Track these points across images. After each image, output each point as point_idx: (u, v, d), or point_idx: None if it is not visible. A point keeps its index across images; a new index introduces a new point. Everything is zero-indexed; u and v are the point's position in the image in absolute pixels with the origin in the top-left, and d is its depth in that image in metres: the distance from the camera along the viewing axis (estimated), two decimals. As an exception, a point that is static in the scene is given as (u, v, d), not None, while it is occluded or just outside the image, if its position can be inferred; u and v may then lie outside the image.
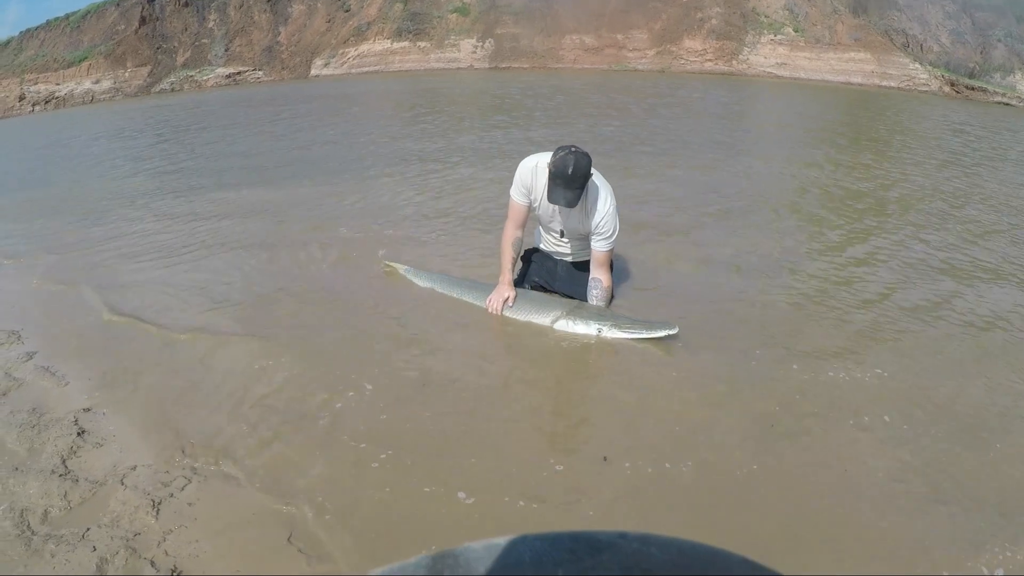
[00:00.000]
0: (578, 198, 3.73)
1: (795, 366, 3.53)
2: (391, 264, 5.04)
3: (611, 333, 3.79)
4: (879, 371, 3.51)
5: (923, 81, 25.32)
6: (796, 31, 28.37)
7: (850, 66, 26.98)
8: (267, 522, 2.44)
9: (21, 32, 34.93)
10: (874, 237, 5.96)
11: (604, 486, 2.63)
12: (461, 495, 2.55)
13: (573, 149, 3.68)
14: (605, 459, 2.77)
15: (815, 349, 3.74)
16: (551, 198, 3.76)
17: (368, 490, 2.59)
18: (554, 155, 3.71)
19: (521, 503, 2.52)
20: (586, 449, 2.88)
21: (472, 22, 32.98)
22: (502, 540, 0.73)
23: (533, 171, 3.97)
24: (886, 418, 3.07)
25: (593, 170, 3.85)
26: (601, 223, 3.95)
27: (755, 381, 3.38)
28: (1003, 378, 3.51)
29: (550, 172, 3.70)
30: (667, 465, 2.73)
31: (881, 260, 5.36)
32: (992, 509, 2.52)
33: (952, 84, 24.58)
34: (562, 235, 4.24)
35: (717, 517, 2.47)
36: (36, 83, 32.11)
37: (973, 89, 23.99)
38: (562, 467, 2.74)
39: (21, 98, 31.54)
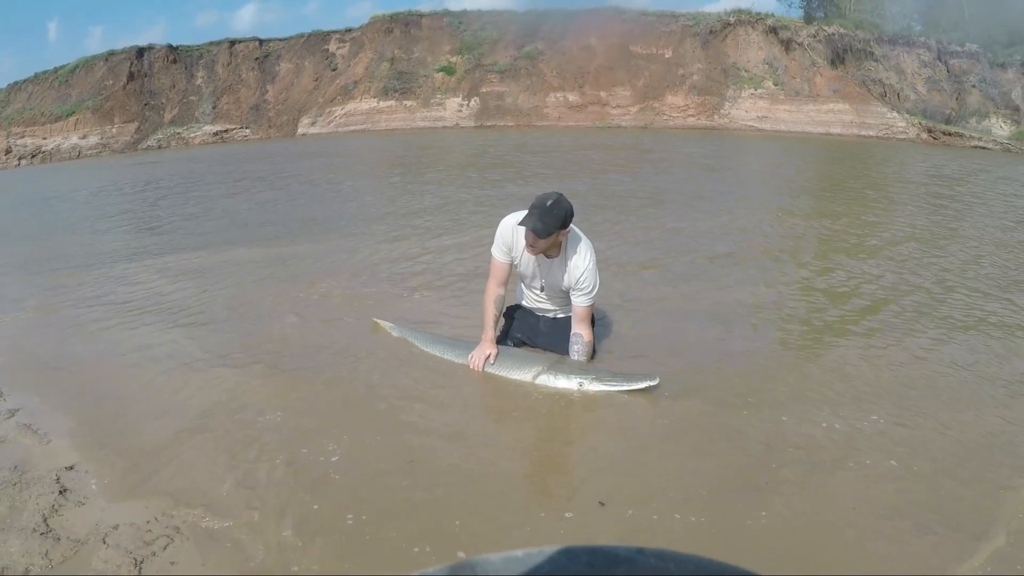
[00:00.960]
0: (547, 231, 3.76)
1: (783, 416, 3.56)
2: (377, 321, 5.12)
3: (592, 387, 3.81)
4: (873, 417, 3.55)
5: (901, 129, 25.73)
6: (776, 85, 28.97)
7: (829, 117, 27.48)
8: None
9: (9, 84, 35.15)
10: (857, 283, 6.14)
11: (605, 531, 2.65)
12: (460, 554, 2.50)
13: (559, 194, 3.82)
14: (602, 504, 2.78)
15: (797, 397, 3.80)
16: (522, 221, 3.80)
17: (361, 555, 2.53)
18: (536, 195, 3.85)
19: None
20: (579, 497, 2.89)
21: (458, 81, 33.53)
22: (520, 552, 0.73)
23: (513, 229, 4.03)
24: (893, 462, 3.10)
25: (573, 227, 3.97)
26: (581, 279, 4.02)
27: (739, 431, 3.40)
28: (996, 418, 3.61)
29: (530, 206, 3.79)
30: (655, 516, 2.71)
31: (863, 304, 5.53)
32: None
33: (929, 131, 24.99)
34: (542, 290, 4.31)
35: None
36: (23, 136, 32.14)
37: (950, 135, 24.38)
38: (562, 515, 2.75)
39: (7, 151, 31.48)
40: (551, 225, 3.74)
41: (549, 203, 3.71)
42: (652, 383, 3.71)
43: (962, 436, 3.34)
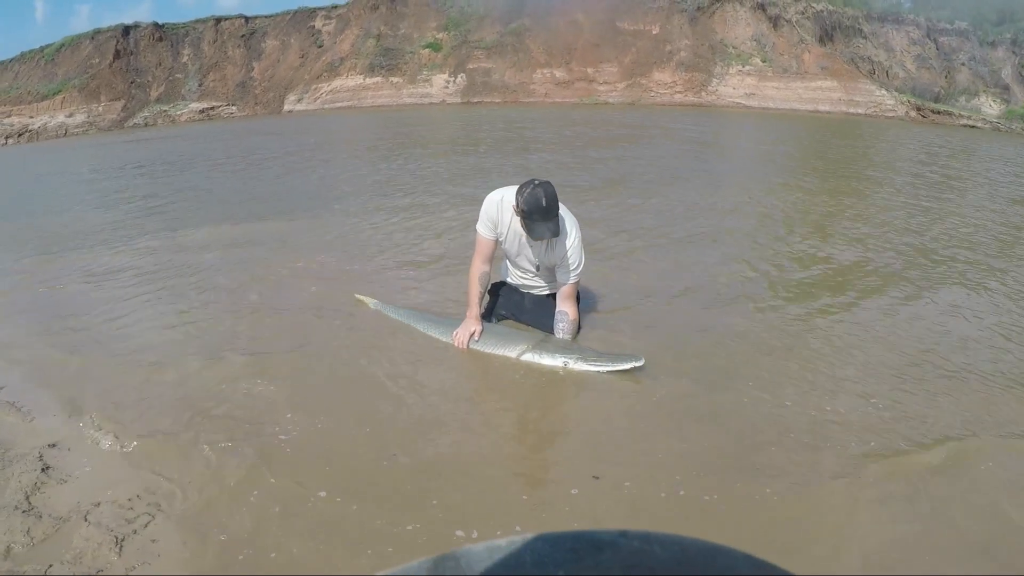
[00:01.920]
0: (559, 226, 3.75)
1: (768, 396, 3.49)
2: (361, 297, 5.04)
3: (577, 366, 3.75)
4: (862, 397, 3.49)
5: (890, 107, 25.45)
6: (764, 61, 28.63)
7: (818, 94, 27.19)
8: (234, 559, 2.39)
9: (-6, 64, 35.15)
10: (849, 261, 6.02)
11: (606, 505, 2.63)
12: (459, 533, 2.48)
13: (536, 182, 3.70)
14: (596, 478, 2.76)
15: (784, 377, 3.71)
16: (534, 235, 3.77)
17: (350, 532, 2.49)
18: (520, 195, 3.72)
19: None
20: (573, 474, 2.84)
21: (444, 57, 33.30)
22: (503, 541, 0.71)
23: (499, 205, 3.97)
24: (871, 443, 3.04)
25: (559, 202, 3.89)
26: (568, 256, 3.97)
27: (725, 411, 3.33)
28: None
29: (523, 211, 3.71)
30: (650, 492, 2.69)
31: (855, 282, 5.41)
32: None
33: (918, 109, 24.72)
34: (537, 268, 4.25)
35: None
36: (10, 115, 32.17)
37: (939, 113, 24.10)
38: (560, 492, 2.71)
39: (-7, 130, 31.54)
40: (556, 218, 3.73)
41: (544, 202, 3.64)
42: (637, 363, 3.68)
43: (950, 419, 3.31)
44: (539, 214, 3.66)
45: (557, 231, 3.75)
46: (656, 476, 2.76)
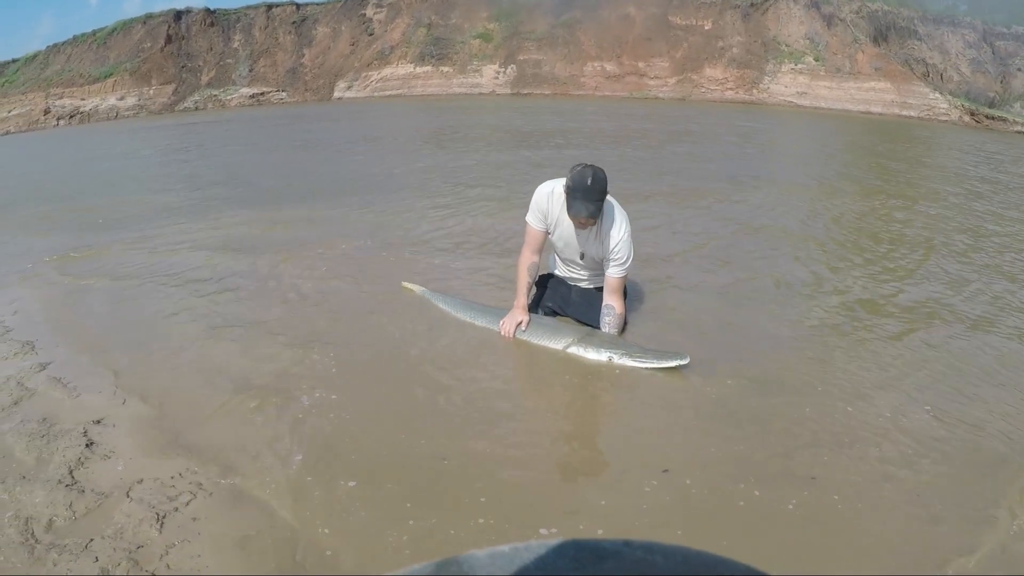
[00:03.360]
0: (599, 210, 3.76)
1: (814, 403, 3.45)
2: (408, 285, 5.07)
3: (622, 361, 3.76)
4: (915, 407, 3.41)
5: (943, 111, 25.61)
6: (816, 60, 28.79)
7: (870, 95, 27.30)
8: (273, 540, 2.44)
9: (48, 47, 35.46)
10: (899, 271, 5.84)
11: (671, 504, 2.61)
12: (543, 531, 2.48)
13: (589, 164, 3.72)
14: (666, 471, 2.76)
15: (829, 382, 3.67)
16: (571, 211, 3.77)
17: (393, 519, 2.53)
18: (570, 172, 3.74)
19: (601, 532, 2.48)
20: (642, 469, 2.83)
21: (495, 48, 33.48)
22: (506, 548, 0.73)
23: (549, 196, 4.01)
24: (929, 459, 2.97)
25: (609, 196, 3.88)
26: (616, 249, 3.96)
27: (772, 415, 3.31)
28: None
29: (568, 187, 3.72)
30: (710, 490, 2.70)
31: (910, 292, 5.26)
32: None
33: (972, 114, 24.85)
34: (582, 257, 4.21)
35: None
36: (61, 97, 32.46)
37: (993, 119, 24.25)
38: (634, 488, 2.69)
39: (46, 112, 31.82)
40: (599, 202, 3.72)
41: (589, 181, 3.62)
42: (682, 362, 3.64)
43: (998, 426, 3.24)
44: (581, 192, 3.65)
45: (596, 213, 3.73)
46: (719, 477, 2.76)
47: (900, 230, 7.26)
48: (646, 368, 3.69)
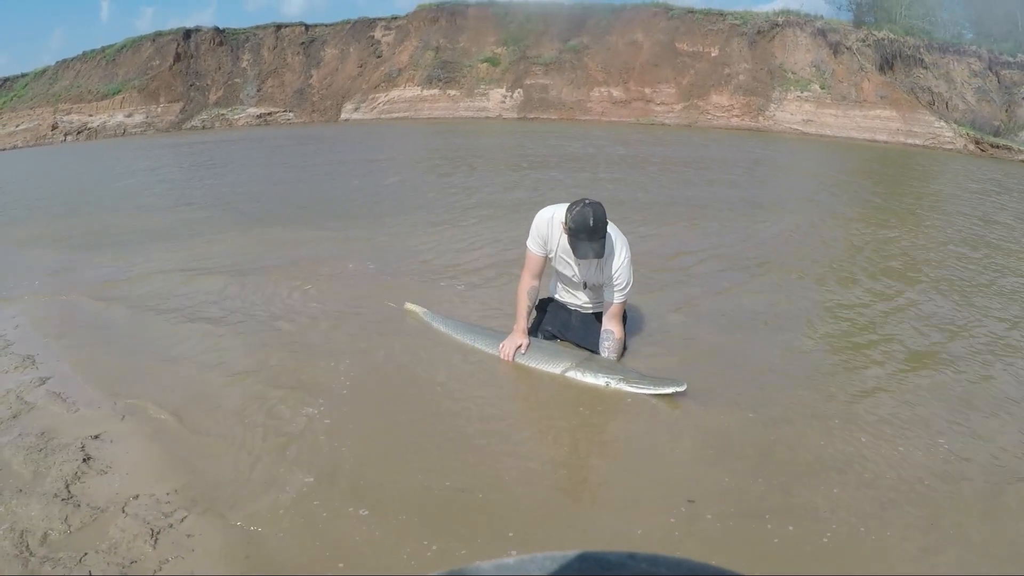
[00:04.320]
0: (603, 248, 3.80)
1: (812, 433, 3.48)
2: (411, 307, 5.15)
3: (620, 386, 3.81)
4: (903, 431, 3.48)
5: (948, 139, 25.65)
6: (822, 88, 28.91)
7: (876, 123, 27.36)
8: (267, 562, 2.46)
9: (57, 62, 35.67)
10: (900, 299, 5.86)
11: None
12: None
13: (587, 201, 3.76)
14: (691, 502, 2.77)
15: (824, 412, 3.70)
16: (578, 254, 3.83)
17: (385, 553, 2.51)
18: (569, 212, 3.79)
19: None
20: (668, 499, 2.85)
21: (502, 72, 33.66)
22: (511, 560, 0.72)
23: (549, 223, 4.07)
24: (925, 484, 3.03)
25: (608, 221, 3.91)
26: (616, 275, 4.03)
27: (770, 445, 3.34)
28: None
29: (570, 229, 3.78)
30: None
31: (903, 321, 5.28)
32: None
33: (977, 142, 24.88)
34: (585, 286, 4.30)
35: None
36: (69, 113, 32.58)
37: (998, 147, 24.27)
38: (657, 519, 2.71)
39: (54, 127, 31.96)
40: (602, 239, 3.76)
41: (591, 222, 3.67)
42: (679, 389, 3.67)
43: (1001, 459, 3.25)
44: (585, 234, 3.70)
45: (601, 252, 3.78)
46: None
47: (905, 258, 7.35)
48: (642, 394, 3.74)
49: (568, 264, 4.17)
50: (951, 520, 2.74)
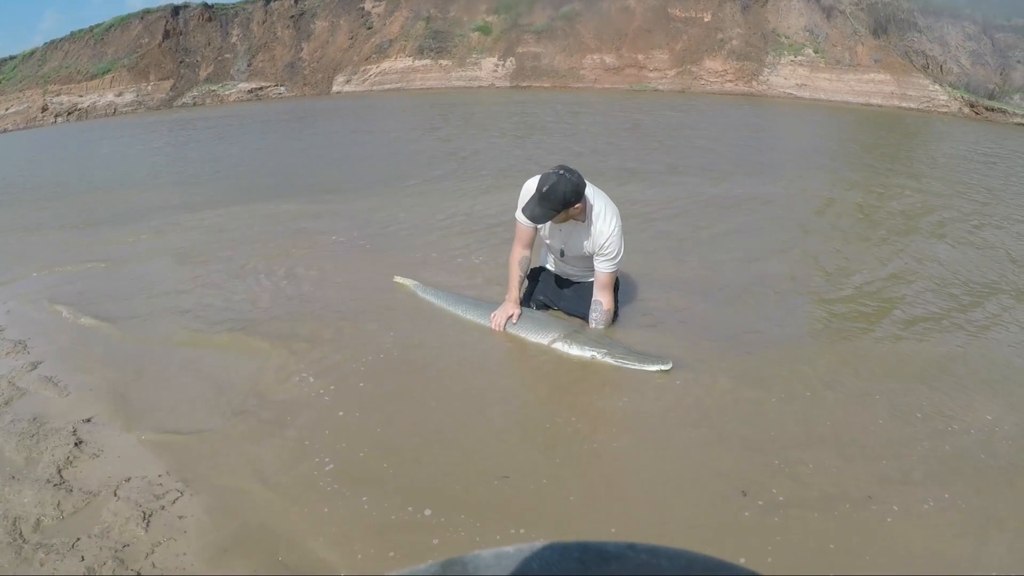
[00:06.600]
0: (545, 216, 3.76)
1: (809, 409, 3.35)
2: (400, 280, 5.12)
3: (605, 360, 3.77)
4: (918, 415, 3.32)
5: (943, 102, 25.64)
6: (816, 52, 28.77)
7: (870, 87, 27.31)
8: (258, 539, 2.45)
9: (45, 43, 35.13)
10: (900, 264, 5.76)
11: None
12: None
13: (561, 172, 3.68)
14: (744, 494, 2.64)
15: (821, 385, 3.58)
16: (526, 212, 3.82)
17: (381, 541, 2.46)
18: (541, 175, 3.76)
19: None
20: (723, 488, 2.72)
21: (494, 41, 33.38)
22: (511, 548, 0.74)
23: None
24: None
25: (598, 190, 3.93)
26: (605, 244, 3.92)
27: (768, 420, 3.23)
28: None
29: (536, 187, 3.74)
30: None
31: (906, 287, 5.22)
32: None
33: (971, 105, 24.86)
34: (561, 255, 4.25)
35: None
36: (59, 94, 32.25)
37: (992, 111, 24.24)
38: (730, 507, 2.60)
39: (44, 109, 31.67)
40: (548, 210, 3.71)
41: (545, 188, 3.63)
42: (664, 367, 3.61)
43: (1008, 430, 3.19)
44: (536, 194, 3.70)
45: (539, 220, 3.78)
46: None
47: (907, 225, 7.17)
48: (628, 369, 3.67)
49: (549, 232, 4.17)
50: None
